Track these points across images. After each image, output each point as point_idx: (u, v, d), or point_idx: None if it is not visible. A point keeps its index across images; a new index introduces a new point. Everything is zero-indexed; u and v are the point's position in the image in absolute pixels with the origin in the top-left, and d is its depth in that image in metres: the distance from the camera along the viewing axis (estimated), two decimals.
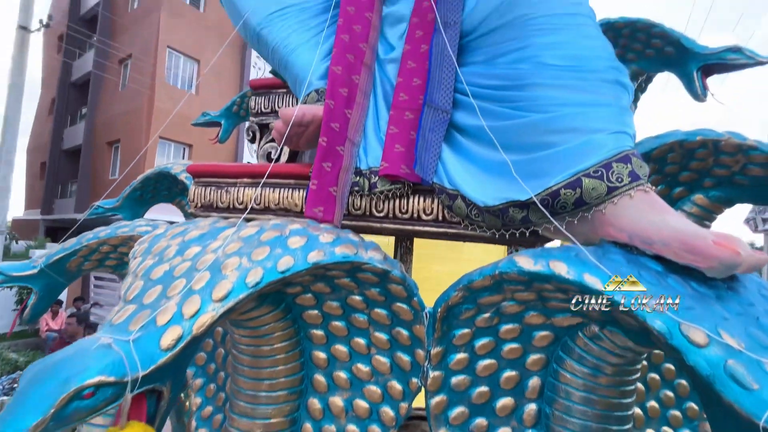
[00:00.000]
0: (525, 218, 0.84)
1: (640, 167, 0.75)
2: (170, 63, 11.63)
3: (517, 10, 1.04)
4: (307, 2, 1.31)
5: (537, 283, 0.68)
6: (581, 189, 0.75)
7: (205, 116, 2.34)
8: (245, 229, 0.76)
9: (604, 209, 0.74)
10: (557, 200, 0.77)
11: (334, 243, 0.74)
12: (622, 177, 0.74)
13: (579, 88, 0.87)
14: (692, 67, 1.44)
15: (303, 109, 1.09)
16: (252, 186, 1.33)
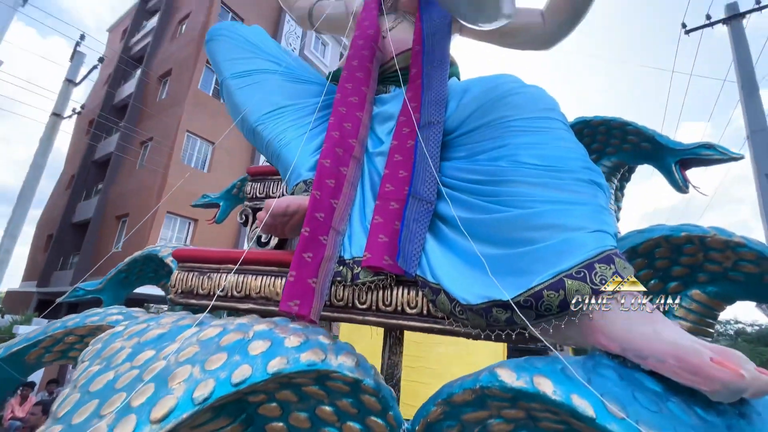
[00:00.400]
0: (510, 319, 0.79)
1: (624, 269, 0.73)
2: (187, 145, 12.51)
3: (496, 113, 1.12)
4: (303, 103, 1.43)
5: (523, 401, 0.61)
6: (564, 291, 0.71)
7: (205, 198, 2.41)
8: (207, 329, 0.71)
9: (591, 314, 0.70)
10: (541, 302, 0.73)
11: (301, 348, 0.68)
12: (606, 279, 0.70)
13: (555, 186, 0.89)
14: (669, 161, 1.49)
15: (288, 199, 1.11)
16: (235, 273, 1.30)
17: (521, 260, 0.84)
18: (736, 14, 5.75)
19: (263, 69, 1.42)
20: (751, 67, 5.38)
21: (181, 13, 14.97)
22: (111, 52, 16.95)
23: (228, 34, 1.44)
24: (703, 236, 0.94)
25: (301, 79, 1.50)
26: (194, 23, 13.73)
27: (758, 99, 5.24)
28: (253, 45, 1.45)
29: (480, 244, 0.98)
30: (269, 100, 1.36)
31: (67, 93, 7.03)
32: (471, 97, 1.23)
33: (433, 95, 1.35)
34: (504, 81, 1.21)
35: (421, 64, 1.49)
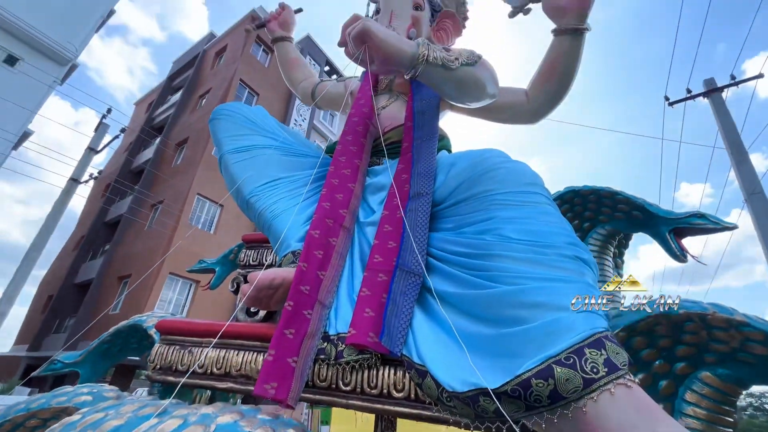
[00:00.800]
0: (499, 411, 0.72)
1: (617, 354, 0.68)
2: (196, 207, 12.88)
3: (481, 186, 1.14)
4: (297, 175, 1.48)
5: None
6: (554, 380, 0.66)
7: (201, 263, 2.40)
8: (168, 421, 0.65)
9: (585, 407, 0.64)
10: (529, 392, 0.67)
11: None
12: (597, 367, 0.65)
13: (541, 262, 0.87)
14: (663, 230, 1.49)
15: (274, 272, 1.10)
16: (217, 347, 1.24)
17: (510, 341, 0.79)
18: (714, 88, 6.15)
19: (261, 145, 1.50)
20: (737, 134, 5.61)
21: (203, 89, 16.42)
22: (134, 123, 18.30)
23: (229, 114, 1.54)
24: (703, 314, 0.89)
25: (297, 153, 1.58)
26: (213, 97, 14.96)
27: (749, 164, 5.37)
28: (252, 123, 1.55)
29: (469, 321, 0.94)
30: (264, 173, 1.41)
31: (87, 160, 7.44)
32: (458, 170, 1.27)
33: (422, 167, 1.39)
34: (490, 155, 1.26)
35: (411, 138, 1.57)
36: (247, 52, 15.92)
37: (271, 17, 2.56)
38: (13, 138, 10.68)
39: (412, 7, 2.09)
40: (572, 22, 1.62)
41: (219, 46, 17.68)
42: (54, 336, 13.79)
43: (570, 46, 1.66)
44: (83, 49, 12.62)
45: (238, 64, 15.13)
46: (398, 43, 1.44)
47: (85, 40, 12.75)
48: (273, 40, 2.56)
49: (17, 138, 11.01)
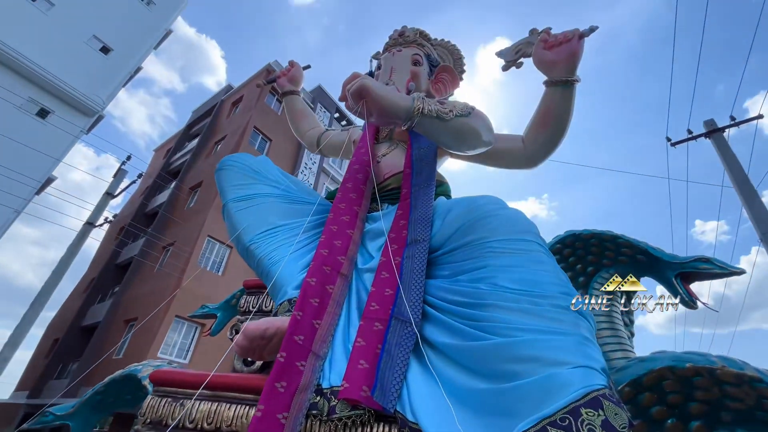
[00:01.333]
0: None
1: (616, 415, 0.64)
2: (206, 249, 13.00)
3: (476, 233, 1.15)
4: (297, 222, 1.51)
5: None
6: None
7: (204, 309, 2.39)
8: None
9: None
10: None
11: None
12: (594, 428, 0.62)
13: (534, 313, 0.85)
14: (669, 275, 1.45)
15: (267, 321, 1.09)
16: (209, 400, 1.20)
17: (504, 398, 0.76)
18: (715, 129, 6.23)
19: (263, 193, 1.55)
20: (744, 173, 5.59)
21: (218, 136, 17.23)
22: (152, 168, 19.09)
23: (234, 165, 1.62)
24: (712, 368, 0.85)
25: (299, 200, 1.62)
26: (229, 144, 15.64)
27: (759, 202, 5.29)
28: (255, 172, 1.62)
29: (464, 374, 0.91)
30: (265, 220, 1.45)
31: (104, 204, 7.70)
32: (454, 217, 1.29)
33: (419, 214, 1.41)
34: (485, 202, 1.28)
35: (410, 185, 1.61)
36: (262, 101, 16.86)
37: (281, 74, 2.75)
38: (36, 184, 11.21)
39: (411, 63, 2.24)
40: (562, 75, 1.70)
41: (236, 96, 18.79)
42: (55, 381, 13.48)
43: (561, 96, 1.73)
44: (110, 101, 13.55)
45: (252, 113, 15.97)
46: (394, 98, 1.53)
47: (112, 94, 13.73)
48: (282, 93, 2.73)
49: (40, 184, 11.55)
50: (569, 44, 1.70)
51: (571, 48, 1.68)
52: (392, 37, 2.48)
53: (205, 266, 12.87)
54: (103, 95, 13.52)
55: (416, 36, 2.41)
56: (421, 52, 2.32)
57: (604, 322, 1.54)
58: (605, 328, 1.49)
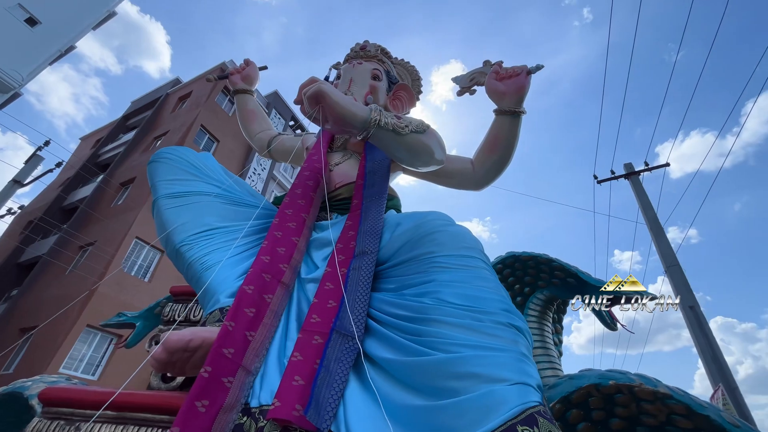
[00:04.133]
0: None
1: (552, 430, 0.65)
2: (132, 251, 11.79)
3: (423, 248, 1.15)
4: (237, 226, 1.41)
5: None
6: None
7: (120, 317, 2.12)
8: None
9: None
10: None
11: None
12: None
13: (475, 328, 0.86)
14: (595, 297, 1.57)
15: (191, 332, 0.98)
16: (113, 423, 1.04)
17: (444, 414, 0.74)
18: (632, 172, 7.07)
19: (200, 191, 1.42)
20: (654, 212, 6.37)
21: (160, 130, 16.01)
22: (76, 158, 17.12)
23: (170, 157, 1.47)
24: (631, 385, 0.91)
25: (241, 203, 1.52)
26: (171, 140, 14.58)
27: (665, 239, 6.04)
28: (195, 168, 1.49)
29: (404, 391, 0.88)
30: (200, 221, 1.33)
31: (9, 193, 6.69)
32: (402, 231, 1.28)
33: (368, 225, 1.39)
34: (433, 218, 1.29)
35: (361, 196, 1.58)
36: (212, 99, 16.04)
37: (234, 71, 2.63)
38: None
39: (370, 77, 2.25)
40: (511, 105, 1.81)
41: (184, 91, 17.69)
42: None
43: (509, 125, 1.84)
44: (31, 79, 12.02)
45: (200, 110, 15.10)
46: (351, 107, 1.51)
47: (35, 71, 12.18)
48: (234, 92, 2.60)
49: None
50: (518, 78, 1.82)
51: (519, 82, 1.81)
52: (353, 50, 2.49)
53: (129, 270, 11.63)
54: (24, 72, 11.93)
55: (377, 51, 2.44)
56: (381, 68, 2.35)
57: (537, 341, 1.62)
58: (538, 347, 1.56)
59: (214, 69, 17.45)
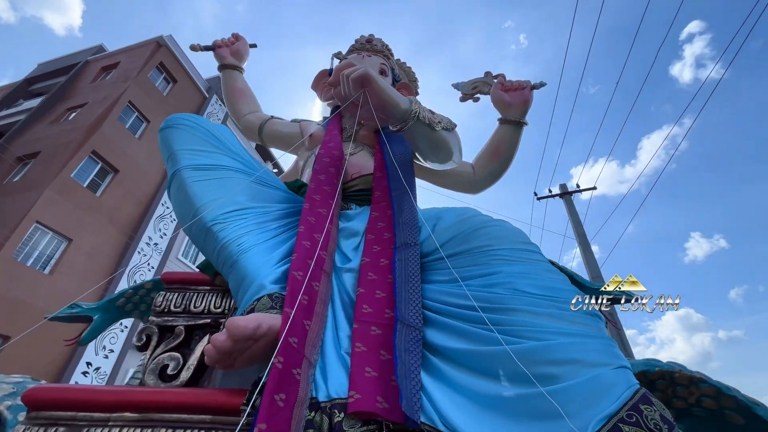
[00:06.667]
0: None
1: (663, 409, 0.70)
2: (30, 238, 10.00)
3: (478, 241, 1.16)
4: (268, 207, 1.29)
5: None
6: None
7: (73, 309, 1.79)
8: None
9: None
10: None
11: None
12: (658, 423, 0.66)
13: (561, 317, 0.89)
14: None
15: (257, 318, 0.87)
16: (137, 426, 0.88)
17: (544, 401, 0.75)
18: (566, 192, 7.91)
19: (226, 166, 1.28)
20: (582, 229, 7.19)
21: (75, 101, 13.91)
22: None
23: (190, 124, 1.30)
24: (672, 372, 1.01)
25: (266, 183, 1.39)
26: (89, 113, 12.74)
27: (591, 253, 6.84)
28: (216, 139, 1.33)
29: (483, 380, 0.88)
30: (231, 198, 1.19)
31: None
32: (446, 224, 1.28)
33: (405, 218, 1.36)
34: (475, 213, 1.32)
35: (387, 189, 1.55)
36: (145, 74, 14.38)
37: (222, 43, 2.41)
38: None
39: (378, 72, 2.23)
40: (516, 116, 1.93)
41: (109, 61, 15.59)
42: None
43: (512, 134, 1.95)
44: None
45: (130, 84, 13.44)
46: (395, 95, 1.48)
47: None
48: (221, 66, 2.39)
49: None
50: (523, 92, 1.95)
51: (524, 96, 1.94)
52: (359, 41, 2.45)
53: (25, 260, 9.84)
54: None
55: (384, 47, 2.43)
56: (387, 64, 2.34)
57: None
58: None
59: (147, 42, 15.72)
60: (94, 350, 10.53)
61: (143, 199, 13.19)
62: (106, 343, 10.87)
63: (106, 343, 10.85)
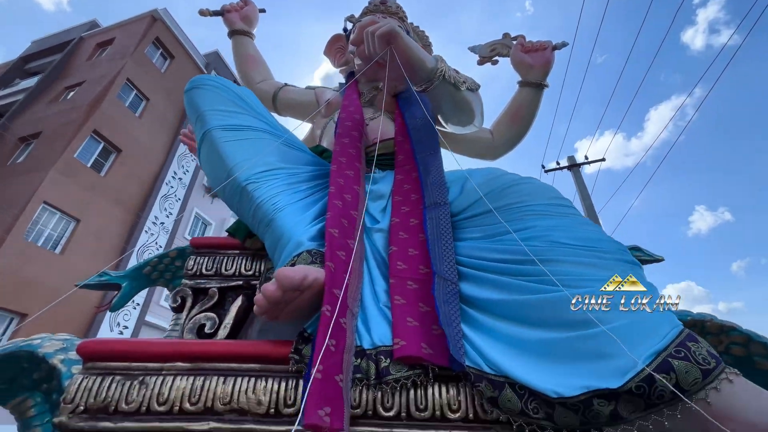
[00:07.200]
0: (614, 413, 0.68)
1: (709, 346, 0.72)
2: (39, 219, 10.09)
3: (510, 198, 1.16)
4: (297, 168, 1.29)
5: None
6: (675, 373, 0.66)
7: (102, 276, 1.82)
8: None
9: (708, 398, 0.65)
10: (654, 388, 0.65)
11: None
12: (706, 358, 0.68)
13: (602, 266, 0.90)
14: None
15: (304, 269, 0.89)
16: (189, 374, 0.91)
17: (593, 341, 0.77)
18: (574, 164, 7.83)
19: (254, 127, 1.27)
20: (590, 200, 7.16)
21: (72, 80, 13.68)
22: None
23: (216, 86, 1.29)
24: (704, 321, 1.03)
25: (292, 145, 1.39)
26: (87, 92, 12.54)
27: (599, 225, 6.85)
28: (243, 101, 1.32)
29: (525, 328, 0.90)
30: (263, 158, 1.19)
31: None
32: (476, 183, 1.28)
33: (433, 179, 1.36)
34: (502, 172, 1.31)
35: (410, 152, 1.54)
36: (141, 50, 14.05)
37: (231, 8, 2.34)
38: None
39: None
40: (537, 78, 1.88)
41: (103, 37, 15.20)
42: None
43: (533, 96, 1.91)
44: None
45: (127, 61, 13.16)
46: (421, 53, 1.45)
47: None
48: (231, 32, 2.33)
49: None
50: (544, 53, 1.90)
51: (546, 56, 1.89)
52: (373, 3, 2.37)
53: (35, 240, 9.97)
54: None
55: (398, 9, 2.35)
56: (402, 27, 2.27)
57: None
58: None
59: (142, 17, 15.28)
60: (109, 326, 10.83)
61: (147, 179, 13.19)
62: (120, 319, 11.16)
63: (120, 320, 11.14)
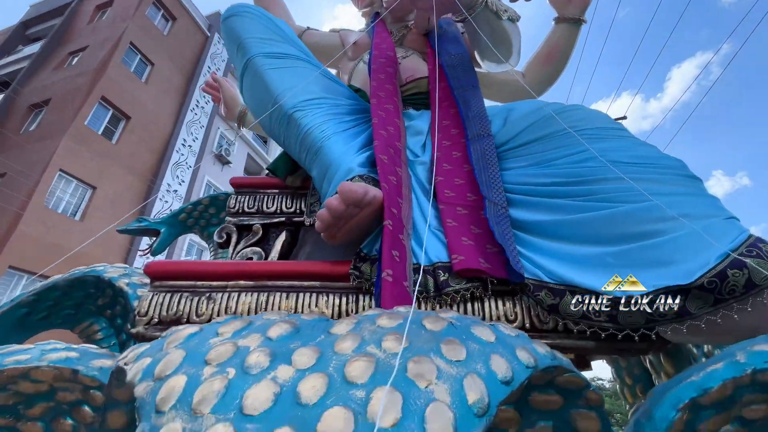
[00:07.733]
0: (683, 309, 0.70)
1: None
2: (56, 186, 10.27)
3: (558, 125, 1.13)
4: (338, 100, 1.28)
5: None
6: (748, 269, 0.67)
7: (140, 222, 1.88)
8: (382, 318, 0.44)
9: None
10: (726, 282, 0.67)
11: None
12: None
13: (662, 180, 0.89)
14: None
15: (365, 186, 0.90)
16: (252, 291, 0.96)
17: (656, 251, 0.78)
18: None
19: (294, 55, 1.24)
20: None
21: (75, 45, 13.38)
22: None
23: (255, 14, 1.25)
24: None
25: (330, 76, 1.36)
26: (92, 57, 12.30)
27: None
28: (282, 31, 1.28)
29: (580, 245, 0.91)
30: (307, 87, 1.17)
31: None
32: (521, 114, 1.26)
33: (474, 112, 1.34)
34: (547, 104, 1.28)
35: (448, 89, 1.50)
36: (141, 12, 13.59)
37: None
38: None
39: None
40: (575, 13, 1.78)
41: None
42: None
43: (570, 33, 1.82)
44: None
45: (129, 24, 12.78)
46: None
47: None
48: None
49: None
50: None
51: None
52: None
53: (55, 207, 10.20)
54: None
55: None
56: None
57: None
58: None
59: None
60: None
61: (157, 146, 13.18)
62: None
63: None
